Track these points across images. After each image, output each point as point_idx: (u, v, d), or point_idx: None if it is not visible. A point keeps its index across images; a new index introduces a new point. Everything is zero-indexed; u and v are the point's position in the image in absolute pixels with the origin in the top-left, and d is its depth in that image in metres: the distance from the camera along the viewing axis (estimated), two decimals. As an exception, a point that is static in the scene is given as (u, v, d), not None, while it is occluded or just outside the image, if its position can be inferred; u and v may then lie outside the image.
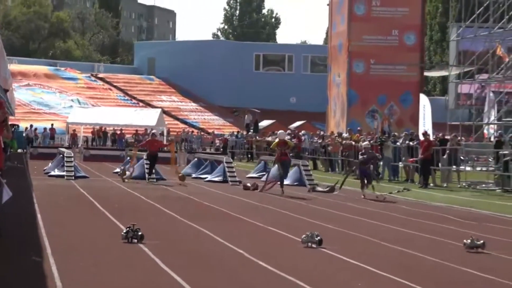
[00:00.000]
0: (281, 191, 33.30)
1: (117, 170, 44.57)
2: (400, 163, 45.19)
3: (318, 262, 16.26)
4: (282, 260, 16.04)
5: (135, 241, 17.37)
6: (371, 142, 47.61)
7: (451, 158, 42.54)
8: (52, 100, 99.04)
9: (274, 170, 41.80)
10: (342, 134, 56.26)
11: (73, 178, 38.15)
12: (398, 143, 46.31)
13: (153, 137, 42.64)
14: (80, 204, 27.18)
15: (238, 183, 37.91)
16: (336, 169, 52.75)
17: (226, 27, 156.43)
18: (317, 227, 20.37)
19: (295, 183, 38.70)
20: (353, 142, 50.42)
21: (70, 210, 25.20)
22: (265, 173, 43.61)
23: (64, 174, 38.78)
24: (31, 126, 76.95)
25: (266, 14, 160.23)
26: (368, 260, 16.27)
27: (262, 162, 47.06)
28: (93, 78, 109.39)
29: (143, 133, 77.36)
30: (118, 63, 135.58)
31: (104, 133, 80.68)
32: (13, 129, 43.81)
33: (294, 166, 41.25)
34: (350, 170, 38.33)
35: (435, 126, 56.15)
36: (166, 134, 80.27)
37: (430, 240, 20.24)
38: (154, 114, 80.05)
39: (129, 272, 14.34)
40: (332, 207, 28.16)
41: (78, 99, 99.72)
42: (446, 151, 42.59)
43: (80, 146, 70.08)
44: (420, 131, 46.88)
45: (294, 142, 47.41)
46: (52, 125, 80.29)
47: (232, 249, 17.48)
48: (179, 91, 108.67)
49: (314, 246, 17.76)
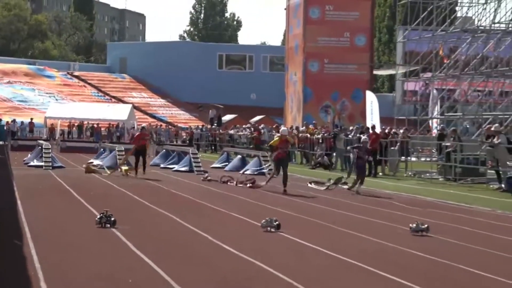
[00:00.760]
0: (283, 190, 28.80)
1: (91, 160, 44.45)
2: (351, 154, 45.31)
3: (276, 245, 16.27)
4: (243, 243, 16.04)
5: (108, 226, 17.38)
6: (325, 135, 47.80)
7: (403, 150, 42.77)
8: (31, 96, 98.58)
9: (236, 160, 41.94)
10: (299, 128, 56.44)
11: (50, 168, 38.06)
12: (349, 136, 46.45)
13: (142, 131, 39.85)
14: (57, 192, 27.05)
15: (203, 173, 37.84)
16: (293, 159, 52.84)
17: (192, 29, 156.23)
18: (276, 214, 20.37)
19: (255, 173, 38.71)
20: (308, 135, 50.63)
21: (48, 197, 25.06)
22: (227, 163, 43.67)
23: (42, 164, 38.73)
24: (14, 120, 76.47)
25: (228, 17, 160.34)
26: (322, 243, 16.29)
27: (225, 153, 47.32)
28: (69, 76, 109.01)
29: (115, 126, 77.21)
30: (92, 62, 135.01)
31: (79, 126, 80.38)
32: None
33: (255, 156, 41.36)
34: (351, 168, 33.35)
35: (384, 120, 56.16)
36: (136, 127, 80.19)
37: (379, 224, 20.31)
38: (125, 109, 79.99)
39: (102, 254, 14.32)
40: (291, 195, 28.14)
41: (55, 96, 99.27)
42: (397, 143, 42.78)
43: (57, 138, 69.73)
44: (368, 125, 46.90)
45: (293, 137, 45.74)
46: (31, 119, 79.75)
47: (198, 233, 17.46)
48: (149, 88, 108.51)
49: (273, 230, 17.78)
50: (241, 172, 39.26)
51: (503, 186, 32.44)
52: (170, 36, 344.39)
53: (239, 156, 43.92)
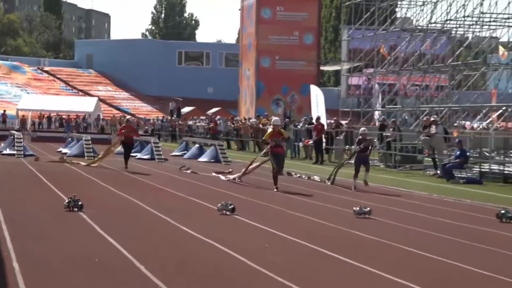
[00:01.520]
0: (274, 187, 24.61)
1: (60, 149, 44.30)
2: (300, 143, 45.41)
3: (231, 226, 16.22)
4: (200, 224, 15.97)
5: (76, 209, 17.22)
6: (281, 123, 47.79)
7: (347, 139, 42.89)
8: (4, 89, 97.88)
9: (194, 149, 41.80)
10: (251, 119, 56.51)
11: (22, 156, 37.75)
12: (298, 127, 46.54)
13: (127, 123, 35.77)
14: (28, 178, 26.82)
15: (163, 160, 37.74)
16: (246, 148, 52.91)
17: (153, 28, 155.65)
18: (232, 198, 20.30)
19: (212, 160, 38.68)
20: (260, 125, 50.72)
21: (20, 183, 24.85)
22: (186, 151, 43.57)
23: (14, 152, 38.40)
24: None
25: (187, 17, 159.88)
26: (275, 225, 16.26)
27: (184, 142, 47.30)
28: (39, 71, 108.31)
29: (83, 117, 76.83)
30: (61, 59, 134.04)
31: (48, 118, 79.93)
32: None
33: (211, 145, 41.33)
34: (341, 163, 29.86)
35: (330, 112, 56.32)
36: (101, 119, 79.87)
37: (326, 208, 20.34)
38: (91, 101, 80.00)
39: (70, 235, 14.19)
40: (247, 182, 28.06)
41: (26, 89, 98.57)
42: (342, 133, 42.92)
43: (28, 129, 69.29)
44: (314, 117, 46.98)
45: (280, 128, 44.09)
46: (4, 111, 79.24)
47: (159, 216, 17.39)
48: (113, 82, 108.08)
49: (228, 213, 17.74)
50: (198, 159, 39.30)
51: (439, 172, 32.67)
52: (133, 34, 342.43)
53: (197, 145, 43.90)
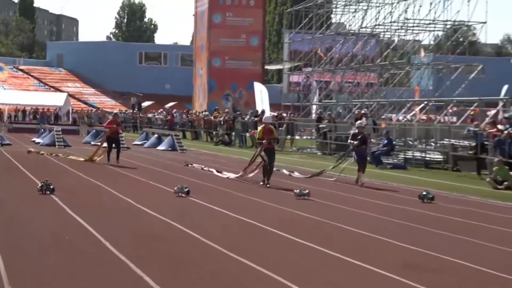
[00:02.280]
0: (265, 183, 21.57)
1: (34, 139, 43.99)
2: (247, 134, 45.46)
3: (185, 207, 16.25)
4: (159, 205, 15.97)
5: (48, 193, 17.13)
6: (226, 118, 47.84)
7: (288, 129, 43.05)
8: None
9: (153, 139, 41.58)
10: (204, 112, 56.52)
11: (0, 145, 37.42)
12: (245, 119, 46.59)
13: (115, 117, 31.58)
14: (5, 165, 26.55)
15: (126, 148, 37.55)
16: (199, 138, 52.87)
17: (117, 31, 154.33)
18: (187, 182, 20.32)
19: (169, 148, 38.62)
20: (212, 118, 50.77)
21: (-2, 170, 24.66)
22: (146, 141, 43.41)
23: (-8, 142, 38.10)
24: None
25: (147, 21, 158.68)
26: (224, 205, 16.32)
27: (144, 133, 47.20)
28: (15, 70, 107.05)
29: (54, 110, 76.08)
30: (34, 58, 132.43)
31: (23, 111, 79.16)
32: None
33: (168, 135, 41.24)
34: (341, 156, 26.15)
35: (273, 106, 56.46)
36: (71, 112, 79.31)
37: (269, 190, 20.40)
38: (62, 96, 79.39)
39: (43, 216, 14.13)
40: (203, 170, 28.07)
41: (3, 86, 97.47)
42: (284, 124, 43.06)
43: (5, 121, 68.55)
44: (259, 110, 47.07)
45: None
46: (-16, 105, 78.48)
47: (123, 199, 17.34)
48: (81, 80, 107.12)
49: (183, 195, 17.76)
50: (157, 148, 39.22)
51: (369, 159, 32.86)
52: (99, 37, 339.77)
53: (156, 135, 43.78)
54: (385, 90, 59.76)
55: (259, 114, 43.97)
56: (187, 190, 17.99)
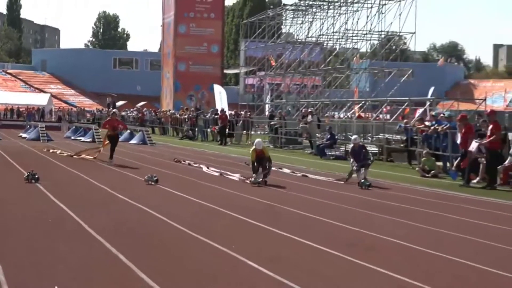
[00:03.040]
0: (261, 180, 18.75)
1: (20, 134, 43.59)
2: (208, 129, 45.37)
3: (155, 194, 16.15)
4: (131, 192, 15.86)
5: (33, 181, 16.95)
6: (190, 115, 47.72)
7: (245, 126, 43.04)
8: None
9: (126, 134, 41.26)
10: (170, 111, 56.32)
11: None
12: (207, 116, 46.52)
13: (113, 116, 27.74)
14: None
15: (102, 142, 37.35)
16: (167, 133, 52.64)
17: (94, 40, 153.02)
18: (156, 172, 20.20)
19: (140, 142, 38.43)
20: (178, 115, 50.62)
21: (-12, 161, 24.33)
22: (120, 136, 43.09)
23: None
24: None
25: (120, 31, 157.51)
26: (187, 191, 16.27)
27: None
28: (4, 73, 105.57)
29: (36, 109, 75.19)
30: (21, 63, 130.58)
31: (11, 110, 78.25)
32: None
33: (140, 131, 41.06)
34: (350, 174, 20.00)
35: (231, 105, 56.47)
36: (54, 110, 78.53)
37: (230, 179, 20.35)
38: (45, 97, 78.96)
39: (29, 202, 13.99)
40: (169, 159, 27.94)
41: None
42: (241, 121, 43.04)
43: (-4, 118, 67.88)
44: (219, 109, 46.95)
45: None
46: (-24, 105, 77.57)
47: (99, 186, 17.22)
48: (63, 82, 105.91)
49: (152, 183, 17.67)
50: (129, 142, 38.97)
51: (314, 151, 33.06)
52: (78, 44, 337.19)
53: (128, 130, 43.45)
54: (328, 91, 60.11)
55: (219, 112, 43.94)
56: (156, 179, 17.90)
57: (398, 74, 55.61)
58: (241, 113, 46.37)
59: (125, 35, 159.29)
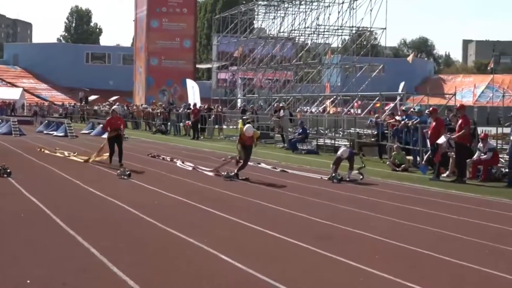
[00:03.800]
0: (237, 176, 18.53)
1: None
2: (181, 124, 45.28)
3: (127, 187, 16.12)
4: (104, 186, 15.81)
5: (5, 176, 16.87)
6: (166, 108, 47.64)
7: (217, 120, 43.00)
8: None
9: (98, 128, 40.99)
10: (143, 105, 56.18)
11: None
12: (179, 111, 46.43)
13: (113, 114, 23.54)
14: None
15: (75, 137, 37.09)
16: (139, 127, 52.39)
17: (66, 34, 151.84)
18: (130, 166, 20.13)
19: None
20: (150, 110, 50.45)
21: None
22: (92, 130, 42.88)
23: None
24: None
25: (93, 26, 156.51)
26: (161, 186, 16.25)
27: (91, 123, 46.70)
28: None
29: (8, 103, 74.50)
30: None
31: (-15, 104, 77.70)
32: None
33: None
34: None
35: (203, 100, 56.35)
36: (26, 105, 77.96)
37: (201, 173, 20.31)
38: (17, 91, 78.62)
39: (2, 197, 13.90)
40: (141, 153, 27.83)
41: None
42: (213, 115, 42.96)
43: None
44: (191, 104, 46.87)
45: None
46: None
47: (70, 180, 17.16)
48: (35, 76, 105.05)
49: (125, 178, 17.64)
50: (102, 136, 38.72)
51: (286, 145, 33.09)
52: (50, 39, 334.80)
53: (101, 125, 43.15)
54: (300, 86, 60.18)
55: (191, 106, 43.86)
56: (129, 173, 17.96)
57: (369, 69, 55.82)
58: (212, 107, 46.32)
59: (97, 30, 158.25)
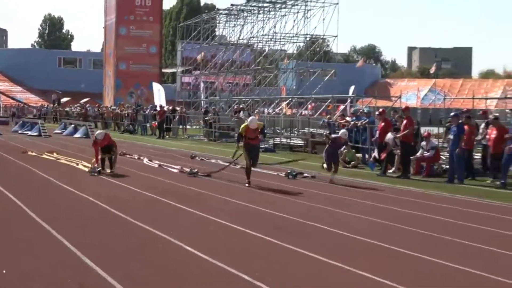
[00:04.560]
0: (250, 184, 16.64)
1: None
2: (148, 124, 45.07)
3: (104, 186, 16.03)
4: (81, 185, 15.69)
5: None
6: (134, 109, 47.38)
7: (181, 120, 42.92)
8: None
9: (70, 128, 40.63)
10: (112, 107, 55.75)
11: None
12: (146, 112, 46.22)
13: (106, 137, 19.08)
14: None
15: (48, 136, 36.72)
16: (109, 127, 51.97)
17: (40, 40, 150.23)
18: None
19: (84, 136, 37.87)
20: (119, 111, 50.14)
21: None
22: (64, 130, 42.43)
23: None
24: None
25: (65, 32, 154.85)
26: (134, 183, 16.20)
27: (63, 123, 46.04)
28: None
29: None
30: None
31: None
32: None
33: (83, 126, 40.53)
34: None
35: (169, 102, 56.08)
36: (2, 107, 76.89)
37: (167, 170, 20.27)
38: (-7, 93, 77.30)
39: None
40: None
41: None
42: (177, 116, 42.85)
43: None
44: (157, 105, 46.68)
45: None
46: None
47: (45, 177, 17.03)
48: (10, 80, 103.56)
49: (95, 174, 17.65)
50: (74, 135, 38.40)
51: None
52: (25, 44, 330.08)
53: (73, 125, 42.85)
54: (258, 89, 60.28)
55: (157, 108, 43.71)
56: (99, 170, 17.86)
57: (322, 74, 56.02)
58: (177, 109, 46.18)
59: (69, 36, 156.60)
